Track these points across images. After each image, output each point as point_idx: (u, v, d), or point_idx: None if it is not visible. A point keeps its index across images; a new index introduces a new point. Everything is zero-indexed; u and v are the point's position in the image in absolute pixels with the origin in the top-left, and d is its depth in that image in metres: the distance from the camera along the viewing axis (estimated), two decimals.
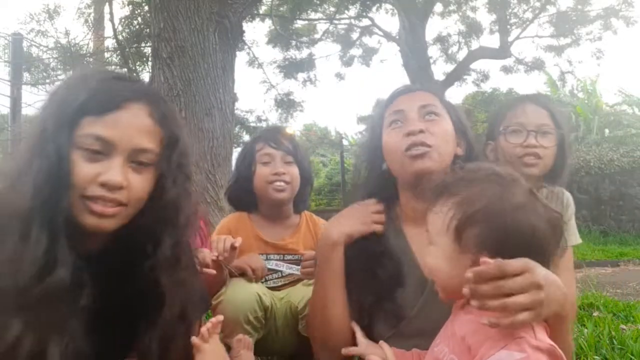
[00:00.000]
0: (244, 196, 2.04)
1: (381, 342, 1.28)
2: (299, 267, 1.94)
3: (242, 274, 1.81)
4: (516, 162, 1.72)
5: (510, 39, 12.54)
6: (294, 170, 1.98)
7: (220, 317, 1.17)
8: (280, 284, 1.96)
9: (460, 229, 1.00)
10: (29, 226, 0.89)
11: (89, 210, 0.94)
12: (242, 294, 1.73)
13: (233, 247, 1.67)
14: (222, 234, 1.93)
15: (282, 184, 1.94)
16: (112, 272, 1.04)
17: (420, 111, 1.36)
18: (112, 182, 0.94)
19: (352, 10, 12.39)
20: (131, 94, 1.01)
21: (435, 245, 1.05)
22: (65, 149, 0.93)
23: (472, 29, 13.02)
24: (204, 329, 1.14)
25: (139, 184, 0.99)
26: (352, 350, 1.31)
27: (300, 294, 1.82)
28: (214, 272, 1.60)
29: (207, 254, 1.61)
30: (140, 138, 0.99)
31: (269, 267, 1.94)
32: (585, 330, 2.55)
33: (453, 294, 1.03)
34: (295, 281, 1.96)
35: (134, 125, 0.98)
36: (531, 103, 1.86)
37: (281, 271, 1.96)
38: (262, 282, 1.92)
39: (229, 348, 1.88)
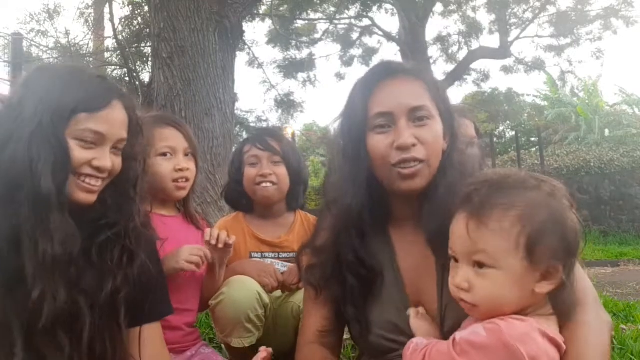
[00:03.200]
0: (238, 197, 2.07)
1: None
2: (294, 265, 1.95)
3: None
4: None
5: (510, 39, 12.57)
6: (281, 171, 1.99)
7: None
8: None
9: (532, 243, 0.92)
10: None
11: (80, 187, 1.15)
12: (242, 293, 1.73)
13: (227, 244, 1.67)
14: None
15: (269, 184, 1.97)
16: None
17: (410, 115, 1.21)
18: (104, 167, 1.17)
19: (352, 10, 12.43)
20: (115, 94, 1.21)
21: (498, 269, 0.94)
22: (64, 139, 1.12)
23: (472, 29, 13.03)
24: None
25: (117, 164, 1.22)
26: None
27: (303, 294, 1.82)
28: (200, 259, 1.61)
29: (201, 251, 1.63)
30: (122, 130, 1.22)
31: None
32: None
33: (501, 313, 0.96)
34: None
35: (118, 121, 1.21)
36: (463, 117, 1.98)
37: (277, 269, 1.96)
38: None
39: (228, 347, 1.88)
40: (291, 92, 12.45)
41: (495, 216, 0.94)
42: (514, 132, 12.83)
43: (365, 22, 13.18)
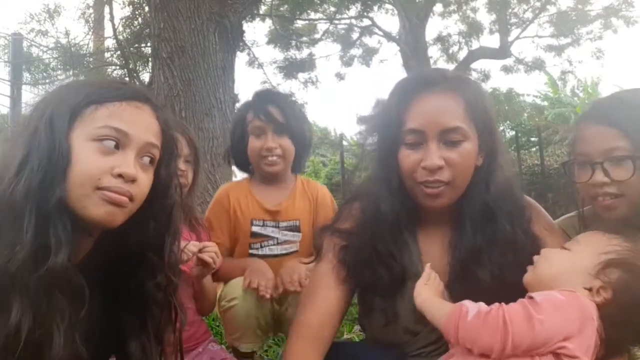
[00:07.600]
0: (242, 161, 2.08)
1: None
2: (294, 233, 2.00)
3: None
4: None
5: (510, 39, 12.55)
6: (286, 142, 1.96)
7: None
8: (277, 252, 2.00)
9: None
10: (24, 215, 0.89)
11: (106, 200, 0.94)
12: (255, 301, 1.75)
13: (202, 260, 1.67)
14: (221, 199, 2.01)
15: (275, 158, 1.95)
16: (95, 282, 1.03)
17: (441, 136, 1.22)
18: (127, 174, 0.95)
19: (352, 10, 12.40)
20: (141, 96, 1.04)
21: None
22: (65, 138, 0.94)
23: (473, 29, 13.02)
24: None
25: (145, 181, 1.01)
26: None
27: None
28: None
29: (190, 246, 1.63)
30: (149, 134, 1.02)
31: (265, 233, 2.00)
32: None
33: None
34: (292, 253, 2.00)
35: (145, 122, 1.02)
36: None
37: (277, 238, 2.01)
38: (259, 249, 1.98)
39: (237, 352, 1.88)
40: (292, 93, 12.44)
41: None
42: (514, 132, 12.81)
43: (366, 22, 13.16)
